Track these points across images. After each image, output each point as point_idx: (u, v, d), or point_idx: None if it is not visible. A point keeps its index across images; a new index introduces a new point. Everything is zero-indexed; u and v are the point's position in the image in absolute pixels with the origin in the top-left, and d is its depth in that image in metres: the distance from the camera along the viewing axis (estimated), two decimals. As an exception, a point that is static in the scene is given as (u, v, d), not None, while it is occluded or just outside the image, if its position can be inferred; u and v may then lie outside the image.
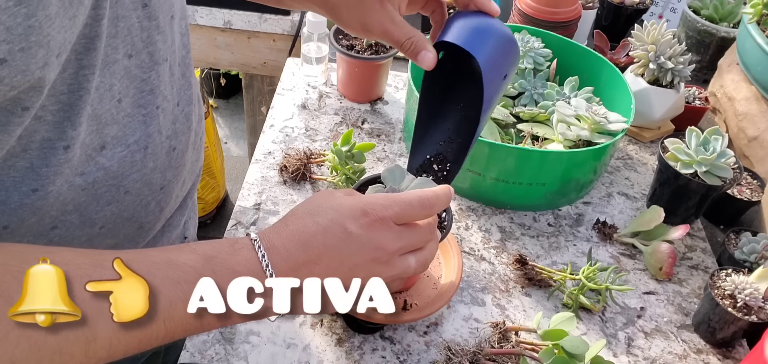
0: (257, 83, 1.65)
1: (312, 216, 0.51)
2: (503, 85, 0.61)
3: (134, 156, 0.52)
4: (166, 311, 0.44)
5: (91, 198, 0.51)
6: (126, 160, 0.52)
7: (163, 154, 0.56)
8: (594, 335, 0.72)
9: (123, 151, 0.51)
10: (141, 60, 0.51)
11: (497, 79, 0.59)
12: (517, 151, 0.83)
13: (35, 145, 0.45)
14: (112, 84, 0.48)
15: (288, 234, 0.50)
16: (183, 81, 0.59)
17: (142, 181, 0.55)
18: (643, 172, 0.97)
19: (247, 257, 0.48)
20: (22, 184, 0.46)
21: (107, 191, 0.52)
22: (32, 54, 0.38)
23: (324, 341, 0.68)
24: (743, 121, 0.95)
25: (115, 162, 0.51)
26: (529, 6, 1.11)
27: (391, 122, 1.02)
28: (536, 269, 0.77)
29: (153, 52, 0.52)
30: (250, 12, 1.39)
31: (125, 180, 0.53)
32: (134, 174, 0.53)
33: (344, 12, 0.61)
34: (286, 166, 0.89)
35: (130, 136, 0.52)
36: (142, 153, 0.53)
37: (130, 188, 0.54)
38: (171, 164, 0.58)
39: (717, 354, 0.72)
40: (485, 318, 0.73)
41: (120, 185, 0.53)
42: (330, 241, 0.50)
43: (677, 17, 1.34)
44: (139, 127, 0.52)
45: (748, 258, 0.77)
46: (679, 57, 0.96)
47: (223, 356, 0.66)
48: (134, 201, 0.55)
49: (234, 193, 2.21)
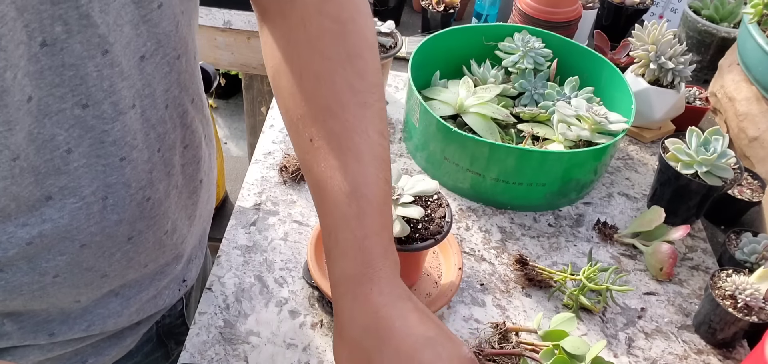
0: (257, 83, 1.65)
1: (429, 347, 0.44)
2: None
3: (91, 208, 0.49)
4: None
5: (40, 249, 0.48)
6: (80, 213, 0.48)
7: (132, 206, 0.52)
8: (594, 335, 0.72)
9: (76, 203, 0.48)
10: (101, 111, 0.46)
11: None
12: (517, 151, 0.83)
13: None
14: (55, 134, 0.44)
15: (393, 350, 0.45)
16: (170, 124, 0.54)
17: (103, 234, 0.51)
18: (644, 173, 0.97)
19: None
20: None
21: (59, 243, 0.49)
22: None
23: (324, 341, 0.68)
24: (744, 122, 0.94)
25: (65, 214, 0.48)
26: (530, 6, 1.11)
27: (391, 122, 1.02)
28: (537, 269, 0.77)
29: (116, 102, 0.47)
30: (250, 12, 1.39)
31: (80, 234, 0.49)
32: (92, 227, 0.50)
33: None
34: (286, 167, 0.89)
35: (86, 188, 0.48)
36: (101, 204, 0.49)
37: (87, 241, 0.50)
38: (143, 215, 0.54)
39: (717, 355, 0.72)
40: (485, 319, 0.73)
41: (74, 238, 0.49)
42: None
43: (678, 17, 1.34)
44: (98, 177, 0.48)
45: (749, 259, 0.77)
46: (679, 57, 0.96)
47: (223, 356, 0.66)
48: (94, 253, 0.51)
49: (234, 193, 2.21)
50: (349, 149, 0.48)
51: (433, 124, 0.85)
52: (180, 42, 0.52)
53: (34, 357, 0.56)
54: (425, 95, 0.97)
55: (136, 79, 0.48)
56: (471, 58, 1.03)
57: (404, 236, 0.61)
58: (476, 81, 1.00)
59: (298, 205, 0.85)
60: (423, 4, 1.28)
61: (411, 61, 0.92)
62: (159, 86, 0.51)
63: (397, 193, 0.62)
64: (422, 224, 0.64)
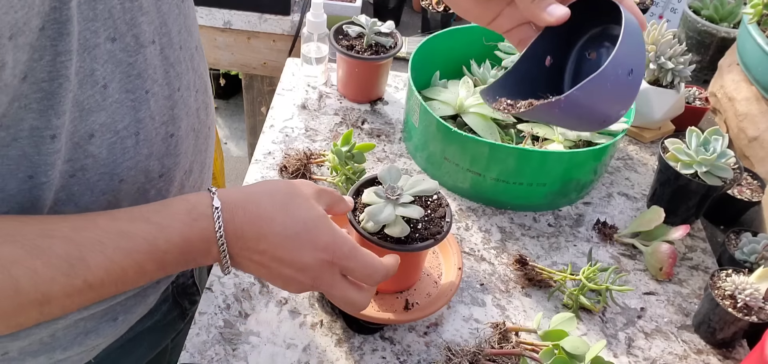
0: (257, 83, 1.65)
1: (283, 212, 0.53)
2: (624, 83, 0.53)
3: (125, 142, 0.52)
4: (118, 277, 0.46)
5: (84, 187, 0.51)
6: (116, 147, 0.51)
7: (159, 141, 0.55)
8: (594, 335, 0.72)
9: (112, 138, 0.51)
10: (125, 43, 0.49)
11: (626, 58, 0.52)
12: (517, 151, 0.83)
13: (24, 134, 0.45)
14: (94, 69, 0.48)
15: (251, 217, 0.52)
16: (179, 67, 0.57)
17: (137, 168, 0.54)
18: (644, 173, 0.97)
19: (204, 227, 0.50)
20: (18, 171, 0.46)
21: (99, 179, 0.52)
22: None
23: (324, 342, 0.68)
24: (743, 122, 0.95)
25: (104, 149, 0.51)
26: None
27: (391, 122, 1.02)
28: (536, 269, 0.77)
29: (138, 35, 0.50)
30: (250, 12, 1.39)
31: (118, 168, 0.52)
32: (127, 161, 0.53)
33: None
34: (286, 167, 0.89)
35: (120, 123, 0.51)
36: (134, 139, 0.53)
37: (124, 175, 0.53)
38: (169, 151, 0.57)
39: (717, 355, 0.72)
40: (485, 318, 0.73)
41: (113, 172, 0.52)
42: (279, 252, 0.52)
43: (677, 17, 1.34)
44: (129, 113, 0.51)
45: (749, 258, 0.77)
46: (679, 57, 0.96)
47: (223, 356, 0.66)
48: (131, 189, 0.55)
49: (234, 193, 2.21)
50: None
51: (433, 125, 0.85)
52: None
53: (72, 317, 0.58)
54: (425, 95, 0.97)
55: (154, 15, 0.52)
56: (471, 58, 1.03)
57: (404, 236, 0.61)
58: (476, 81, 1.00)
59: (298, 205, 0.85)
60: (423, 4, 1.29)
61: (411, 61, 0.93)
62: (173, 26, 0.55)
63: (397, 193, 0.62)
64: (422, 224, 0.64)
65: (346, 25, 1.02)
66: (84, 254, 0.45)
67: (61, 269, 0.44)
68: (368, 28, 1.00)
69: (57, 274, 0.44)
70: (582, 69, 0.62)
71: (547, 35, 0.58)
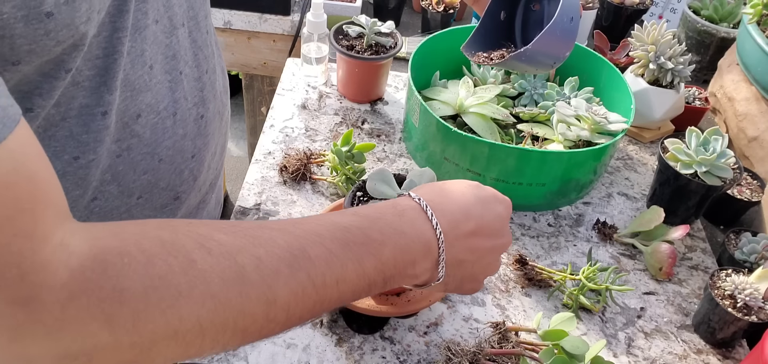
0: (257, 83, 1.65)
1: (464, 185, 0.52)
2: (568, 28, 0.71)
3: (165, 122, 0.53)
4: (339, 274, 0.42)
5: (128, 167, 0.52)
6: (158, 127, 0.53)
7: (191, 122, 0.57)
8: (594, 335, 0.72)
9: (155, 118, 0.52)
10: (163, 25, 0.51)
11: (571, 7, 0.70)
12: (517, 151, 0.83)
13: (74, 113, 0.46)
14: (144, 50, 0.49)
15: (451, 198, 0.50)
16: (207, 50, 0.60)
17: (174, 148, 0.56)
18: (643, 173, 0.97)
19: (413, 218, 0.47)
20: (64, 152, 0.47)
21: (142, 159, 0.53)
22: (76, 7, 0.39)
23: (324, 341, 0.68)
24: (743, 122, 0.95)
25: (148, 129, 0.52)
26: (529, 6, 1.11)
27: (391, 122, 1.02)
28: (536, 269, 0.77)
29: (172, 17, 0.52)
30: (250, 12, 1.39)
31: (158, 147, 0.54)
32: (166, 141, 0.54)
33: None
34: (286, 167, 0.89)
35: (161, 103, 0.53)
36: (172, 119, 0.54)
37: (163, 155, 0.55)
38: (200, 132, 0.59)
39: (717, 354, 0.72)
40: (485, 318, 0.73)
41: (154, 152, 0.53)
42: (486, 214, 0.51)
43: (677, 17, 1.34)
44: (167, 94, 0.53)
45: (748, 258, 0.77)
46: (679, 57, 0.96)
47: (223, 356, 0.66)
48: (168, 169, 0.56)
49: (234, 193, 2.21)
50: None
51: (433, 125, 0.86)
52: None
53: None
54: (425, 95, 0.97)
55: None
56: (471, 59, 1.03)
57: None
58: (476, 81, 1.00)
59: (298, 205, 0.85)
60: (423, 5, 1.29)
61: (411, 61, 0.93)
62: (200, 10, 0.57)
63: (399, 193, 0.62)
64: None
65: (346, 25, 1.02)
66: (304, 245, 0.41)
67: (284, 260, 0.40)
68: (368, 28, 1.00)
69: (281, 265, 0.39)
70: (529, 19, 0.84)
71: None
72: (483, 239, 0.50)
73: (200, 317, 0.36)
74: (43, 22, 0.37)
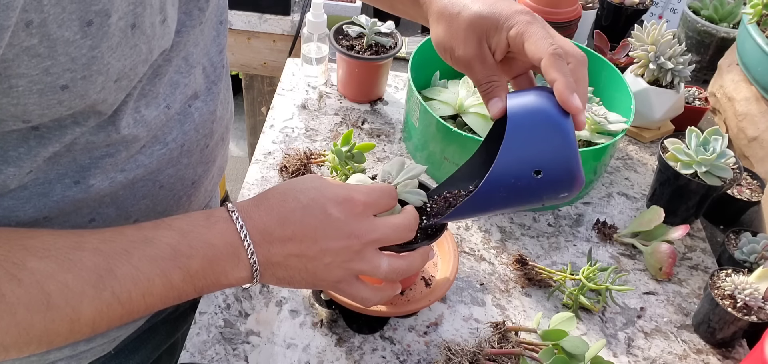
0: (257, 84, 1.65)
1: (294, 193, 0.51)
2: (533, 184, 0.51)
3: (172, 153, 0.54)
4: (145, 288, 0.45)
5: (129, 193, 0.53)
6: (164, 157, 0.54)
7: (197, 151, 0.58)
8: (594, 335, 0.72)
9: (161, 149, 0.53)
10: (178, 66, 0.52)
11: (520, 164, 0.51)
12: (517, 151, 0.83)
13: (79, 147, 0.47)
14: (158, 93, 0.50)
15: (267, 207, 0.50)
16: (220, 84, 0.61)
17: (176, 176, 0.56)
18: (643, 173, 0.97)
19: (223, 229, 0.49)
20: (65, 176, 0.48)
21: (143, 186, 0.54)
22: (92, 81, 0.40)
23: (324, 341, 0.68)
24: (743, 122, 0.95)
25: (154, 160, 0.53)
26: (529, 6, 1.11)
27: (391, 122, 1.02)
28: (536, 269, 0.77)
29: (187, 57, 0.53)
30: (250, 12, 1.39)
31: (161, 175, 0.55)
32: (169, 170, 0.55)
33: (442, 30, 0.63)
34: (286, 167, 0.89)
35: (169, 135, 0.54)
36: (179, 150, 0.55)
37: (164, 182, 0.55)
38: (203, 160, 0.60)
39: (717, 354, 0.72)
40: (485, 318, 0.73)
41: (156, 179, 0.54)
42: (307, 220, 0.50)
43: (677, 17, 1.34)
44: (176, 127, 0.54)
45: (748, 258, 0.77)
46: (679, 57, 0.96)
47: (223, 356, 0.66)
48: (167, 195, 0.57)
49: (234, 193, 2.21)
50: None
51: (433, 125, 0.86)
52: (224, 8, 0.61)
53: None
54: (425, 95, 0.97)
55: (199, 37, 0.55)
56: (471, 59, 1.03)
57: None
58: (476, 81, 1.00)
59: (298, 205, 0.85)
60: (423, 5, 1.28)
61: (411, 61, 0.93)
62: (212, 44, 0.58)
63: (396, 182, 0.61)
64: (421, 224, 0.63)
65: (346, 25, 1.02)
66: (111, 265, 0.44)
67: (90, 282, 0.43)
68: (368, 28, 1.00)
69: (86, 287, 0.42)
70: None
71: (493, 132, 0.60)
72: (305, 244, 0.50)
73: (3, 340, 0.40)
74: (58, 94, 0.39)
